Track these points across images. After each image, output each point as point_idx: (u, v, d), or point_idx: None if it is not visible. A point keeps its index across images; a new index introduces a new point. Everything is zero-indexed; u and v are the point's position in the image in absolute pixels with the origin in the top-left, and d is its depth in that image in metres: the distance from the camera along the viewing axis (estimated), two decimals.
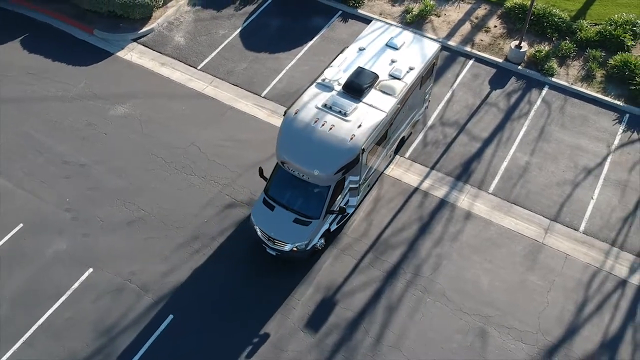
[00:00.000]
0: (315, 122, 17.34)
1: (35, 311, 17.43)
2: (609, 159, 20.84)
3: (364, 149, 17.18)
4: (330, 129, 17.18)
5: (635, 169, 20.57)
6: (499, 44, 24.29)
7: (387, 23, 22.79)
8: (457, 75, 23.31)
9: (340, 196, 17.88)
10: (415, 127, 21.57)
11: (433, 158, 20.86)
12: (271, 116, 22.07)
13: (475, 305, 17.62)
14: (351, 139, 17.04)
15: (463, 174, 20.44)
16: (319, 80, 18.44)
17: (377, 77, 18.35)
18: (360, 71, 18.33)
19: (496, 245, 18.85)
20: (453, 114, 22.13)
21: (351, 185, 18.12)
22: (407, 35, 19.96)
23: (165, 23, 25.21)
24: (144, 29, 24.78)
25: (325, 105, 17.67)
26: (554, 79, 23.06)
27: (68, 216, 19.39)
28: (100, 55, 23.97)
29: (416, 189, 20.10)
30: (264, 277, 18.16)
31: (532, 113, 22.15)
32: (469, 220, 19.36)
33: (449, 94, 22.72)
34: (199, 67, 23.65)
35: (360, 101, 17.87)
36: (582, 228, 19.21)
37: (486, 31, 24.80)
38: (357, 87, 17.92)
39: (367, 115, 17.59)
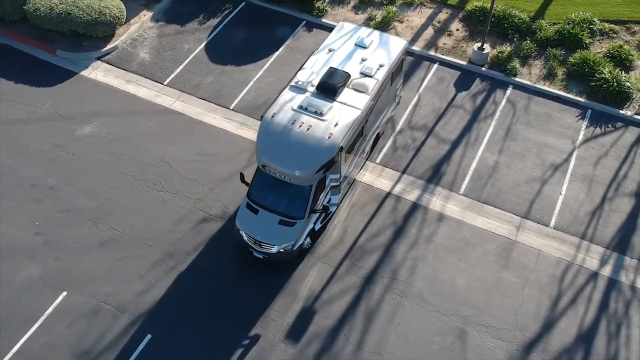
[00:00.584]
0: (293, 123, 17.58)
1: (9, 339, 17.06)
2: (574, 155, 21.30)
3: (342, 147, 17.44)
4: (308, 129, 17.44)
5: (600, 163, 21.05)
6: (462, 46, 24.68)
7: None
8: (423, 80, 23.61)
9: (322, 195, 18.13)
10: (386, 132, 21.76)
11: (404, 162, 21.06)
12: (240, 128, 22.05)
13: (453, 305, 17.80)
14: (329, 137, 17.32)
15: (434, 177, 20.68)
16: (292, 83, 18.69)
17: (349, 76, 18.70)
18: (332, 71, 18.64)
19: (470, 245, 19.08)
20: (421, 117, 22.39)
21: (332, 184, 18.37)
22: (375, 34, 20.36)
23: (129, 40, 25.04)
24: (108, 47, 24.57)
25: (301, 107, 17.93)
26: (517, 79, 23.51)
27: (39, 240, 19.06)
28: (65, 75, 23.69)
29: (389, 194, 20.26)
30: (241, 290, 18.08)
31: (498, 113, 22.53)
32: (442, 222, 19.58)
33: (415, 98, 22.98)
34: (165, 83, 23.53)
35: (335, 100, 18.21)
36: (552, 224, 19.56)
37: (449, 35, 25.17)
38: (331, 86, 18.23)
39: (343, 114, 17.90)
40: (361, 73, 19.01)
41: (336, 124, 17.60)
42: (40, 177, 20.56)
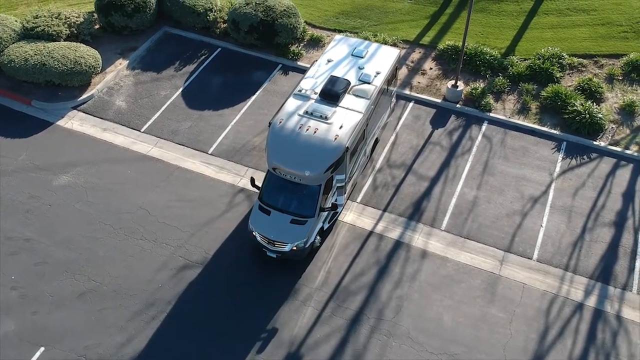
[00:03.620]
0: (300, 128, 18.77)
1: None
2: (552, 186, 21.50)
3: (347, 147, 18.57)
4: (315, 132, 18.64)
5: (579, 194, 21.26)
6: (436, 84, 25.07)
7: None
8: (400, 118, 23.85)
9: (330, 195, 19.16)
10: (365, 171, 21.82)
11: (384, 200, 21.06)
12: (220, 172, 21.95)
13: (441, 343, 17.57)
14: (335, 139, 18.52)
15: (415, 214, 20.68)
16: (295, 92, 20.00)
17: (349, 83, 20.10)
18: (333, 79, 20.00)
19: (455, 281, 18.98)
20: (399, 155, 22.53)
21: (338, 184, 19.38)
22: (369, 45, 22.03)
23: (105, 88, 25.02)
24: (84, 96, 24.51)
25: (306, 112, 19.16)
26: (492, 114, 23.86)
27: (15, 294, 18.53)
28: (40, 126, 23.50)
29: (371, 233, 20.18)
30: (225, 338, 17.68)
31: (474, 148, 22.76)
32: (425, 259, 19.49)
33: (393, 137, 23.16)
34: (142, 130, 23.44)
35: (338, 105, 19.50)
36: (535, 256, 19.59)
37: (423, 74, 25.59)
38: (334, 93, 19.54)
39: (346, 117, 19.14)
40: (360, 80, 20.44)
41: (341, 127, 18.80)
42: (16, 229, 20.14)
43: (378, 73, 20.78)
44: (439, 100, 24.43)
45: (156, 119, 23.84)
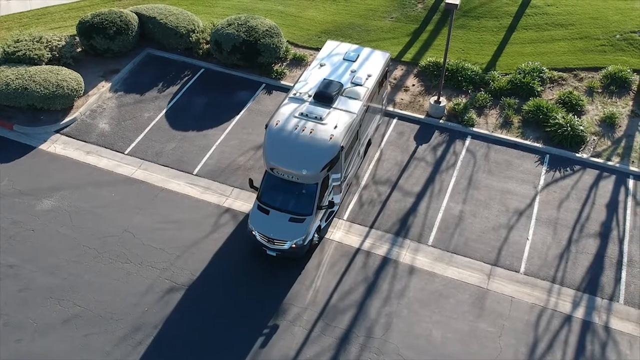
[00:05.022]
0: (296, 128, 19.32)
1: None
2: (537, 199, 21.64)
3: (342, 146, 19.13)
4: (311, 132, 19.19)
5: (563, 206, 21.41)
6: (419, 101, 25.25)
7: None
8: (384, 135, 23.95)
9: (326, 193, 19.68)
10: (351, 188, 21.83)
11: (371, 217, 21.06)
12: (205, 193, 21.85)
13: None
14: (330, 138, 19.06)
15: (401, 230, 20.69)
16: (290, 95, 20.63)
17: (342, 85, 20.75)
18: (326, 82, 20.73)
19: (443, 296, 18.95)
20: (384, 172, 22.58)
21: (334, 183, 19.92)
22: (360, 49, 22.64)
23: (87, 111, 24.90)
24: (67, 119, 24.36)
25: (302, 114, 19.72)
26: (475, 129, 24.04)
27: None
28: (23, 150, 23.29)
29: (358, 250, 20.14)
30: (211, 359, 17.49)
31: (459, 163, 22.88)
32: (413, 275, 19.47)
33: (377, 154, 23.23)
34: (126, 152, 23.31)
35: (332, 107, 20.07)
36: (522, 269, 19.64)
37: (405, 90, 25.77)
38: (327, 95, 20.17)
39: (340, 118, 19.71)
40: (352, 83, 21.10)
41: (335, 127, 19.35)
42: None
43: (369, 75, 21.43)
44: (422, 116, 24.59)
45: (140, 141, 23.73)
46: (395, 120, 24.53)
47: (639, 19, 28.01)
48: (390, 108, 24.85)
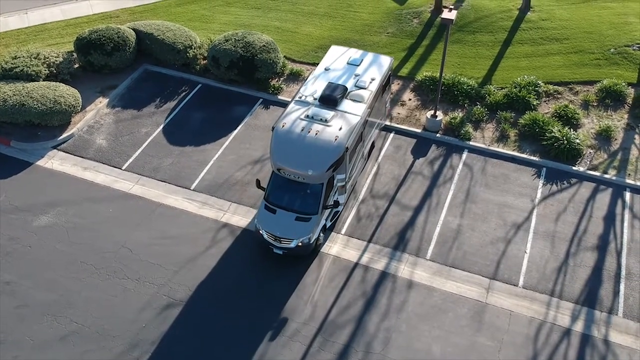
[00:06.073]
0: (302, 130, 19.84)
1: None
2: (534, 213, 21.67)
3: (347, 147, 19.63)
4: (316, 134, 19.69)
5: (560, 219, 21.45)
6: (416, 115, 25.35)
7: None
8: (381, 149, 24.01)
9: (331, 193, 20.12)
10: (349, 202, 21.84)
11: (369, 231, 21.05)
12: (203, 208, 21.83)
13: None
14: (335, 139, 19.58)
15: (400, 244, 20.68)
16: (296, 98, 21.21)
17: (346, 88, 21.32)
18: (331, 85, 21.23)
19: (442, 310, 18.91)
20: (382, 186, 22.62)
21: (339, 184, 20.36)
22: (364, 54, 23.31)
23: (85, 127, 24.92)
24: (64, 135, 24.38)
25: (307, 116, 20.25)
26: (471, 143, 24.13)
27: None
28: (20, 166, 23.26)
29: (356, 264, 20.10)
30: None
31: (456, 177, 22.94)
32: (412, 289, 19.42)
33: (375, 168, 23.28)
34: (123, 168, 23.31)
35: (336, 110, 20.62)
36: (520, 283, 19.62)
37: (402, 105, 25.89)
38: (332, 98, 20.71)
39: (345, 120, 20.26)
40: (356, 86, 21.66)
41: (340, 128, 19.87)
42: None
43: (373, 79, 21.94)
44: (419, 130, 24.67)
45: (137, 157, 23.73)
46: (392, 135, 24.61)
47: (633, 33, 28.27)
48: (387, 122, 24.94)
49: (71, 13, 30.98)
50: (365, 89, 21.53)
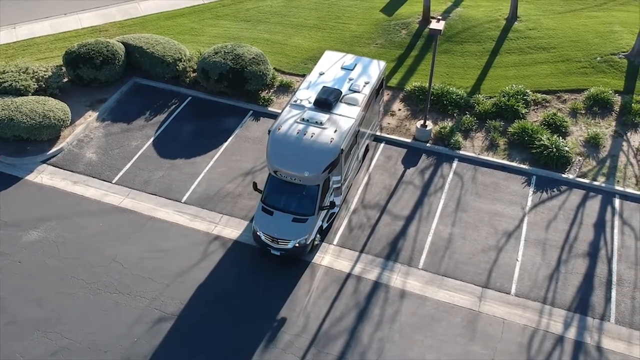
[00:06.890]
0: (298, 133, 20.15)
1: None
2: (525, 220, 21.75)
3: (342, 149, 19.91)
4: (312, 136, 20.02)
5: (551, 227, 21.53)
6: (406, 125, 25.45)
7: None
8: (372, 159, 24.06)
9: (327, 194, 20.46)
10: (340, 213, 21.83)
11: (361, 242, 21.04)
12: (194, 221, 21.74)
13: None
14: (331, 141, 19.89)
15: (392, 254, 20.67)
16: (291, 102, 21.44)
17: (340, 92, 21.64)
18: (326, 89, 21.58)
19: (435, 320, 18.88)
20: (373, 196, 22.64)
21: (335, 185, 20.71)
22: (357, 58, 23.63)
23: (74, 141, 24.82)
24: (53, 150, 24.26)
25: (303, 119, 20.57)
26: (461, 152, 24.23)
27: None
28: (8, 182, 23.11)
29: (349, 275, 20.06)
30: None
31: (447, 186, 23.00)
32: (404, 299, 19.40)
33: (366, 178, 23.32)
34: (113, 181, 23.21)
35: (331, 113, 20.95)
36: (513, 291, 19.65)
37: (392, 115, 25.99)
38: (327, 102, 21.04)
39: (340, 123, 20.59)
40: (350, 90, 21.94)
41: (335, 131, 20.23)
42: None
43: (366, 83, 22.27)
44: (409, 140, 24.76)
45: (128, 170, 23.65)
46: (382, 145, 24.67)
47: (618, 41, 28.60)
48: (377, 132, 25.01)
49: (60, 27, 30.95)
50: (359, 92, 21.81)
